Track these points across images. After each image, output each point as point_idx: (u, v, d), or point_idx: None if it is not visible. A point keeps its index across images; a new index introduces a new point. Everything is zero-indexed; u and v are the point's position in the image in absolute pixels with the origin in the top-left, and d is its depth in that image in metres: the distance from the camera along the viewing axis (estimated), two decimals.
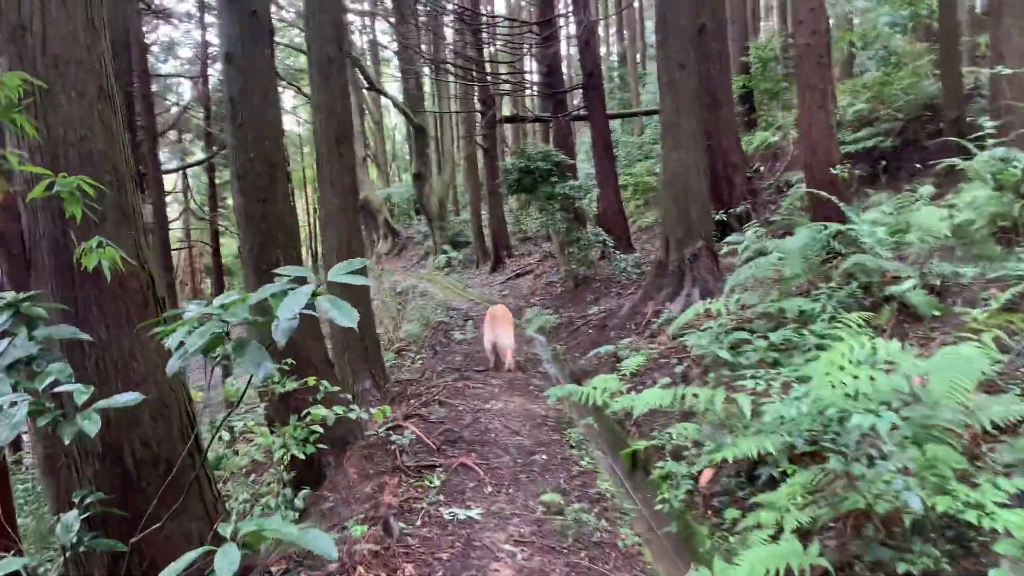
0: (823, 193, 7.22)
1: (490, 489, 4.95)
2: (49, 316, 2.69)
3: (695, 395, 4.66)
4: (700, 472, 4.96)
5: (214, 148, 18.87)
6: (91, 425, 2.28)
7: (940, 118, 11.54)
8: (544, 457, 5.66)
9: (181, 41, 23.16)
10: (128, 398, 2.41)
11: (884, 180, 12.68)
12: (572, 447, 6.03)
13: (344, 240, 7.72)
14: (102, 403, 2.40)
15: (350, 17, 36.20)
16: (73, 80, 3.15)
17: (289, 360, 5.23)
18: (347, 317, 2.16)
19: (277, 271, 2.37)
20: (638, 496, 5.33)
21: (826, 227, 6.46)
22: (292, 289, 2.29)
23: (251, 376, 2.73)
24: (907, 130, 13.32)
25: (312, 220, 42.16)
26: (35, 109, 3.09)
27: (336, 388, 5.47)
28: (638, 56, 32.64)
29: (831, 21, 15.89)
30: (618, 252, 15.17)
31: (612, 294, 13.54)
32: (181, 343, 2.24)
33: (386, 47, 37.38)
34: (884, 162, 12.63)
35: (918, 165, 11.28)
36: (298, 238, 5.88)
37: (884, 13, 14.98)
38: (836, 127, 7.43)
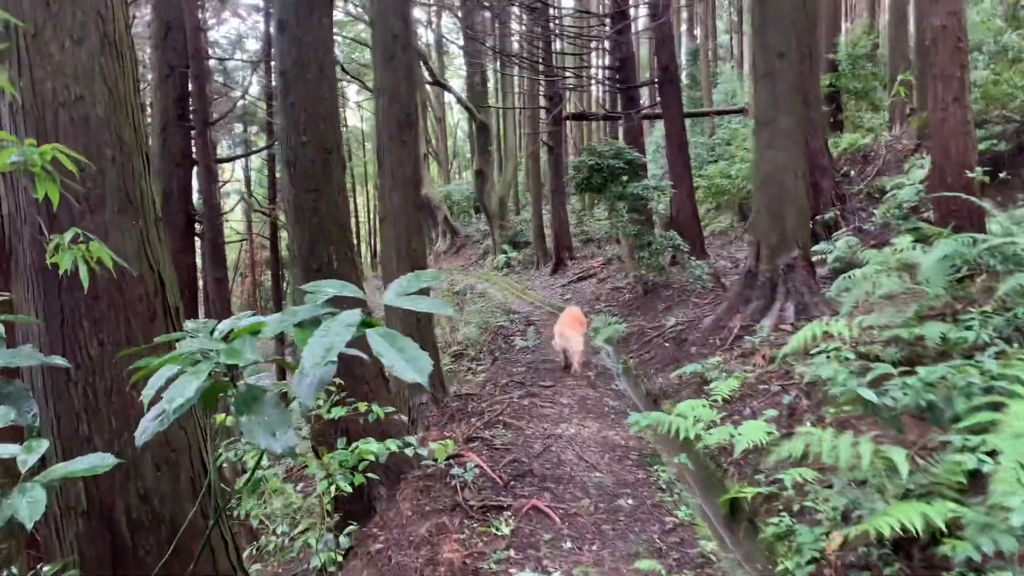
0: (967, 197, 6.15)
1: (569, 544, 4.11)
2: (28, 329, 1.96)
3: (829, 444, 3.73)
4: (827, 534, 4.03)
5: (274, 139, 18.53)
6: (29, 508, 1.51)
7: None
8: (630, 502, 4.80)
9: (248, 34, 22.92)
10: (91, 463, 1.65)
11: (997, 187, 11.42)
12: (662, 490, 5.14)
13: (404, 238, 6.98)
14: (58, 470, 1.65)
15: (416, 12, 35.85)
16: (69, 22, 2.44)
17: (336, 380, 4.49)
18: (413, 366, 1.35)
19: (321, 284, 1.58)
20: (750, 563, 4.40)
21: (976, 239, 5.41)
22: (330, 315, 1.48)
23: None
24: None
25: (372, 217, 41.96)
26: (17, 58, 2.38)
27: (390, 410, 4.72)
28: (710, 54, 31.36)
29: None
30: (692, 258, 14.14)
31: (687, 303, 12.55)
32: (159, 394, 1.47)
33: (452, 41, 36.87)
34: (999, 168, 11.35)
35: None
36: (352, 234, 5.14)
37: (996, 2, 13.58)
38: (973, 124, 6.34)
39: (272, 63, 4.92)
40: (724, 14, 43.72)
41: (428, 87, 34.79)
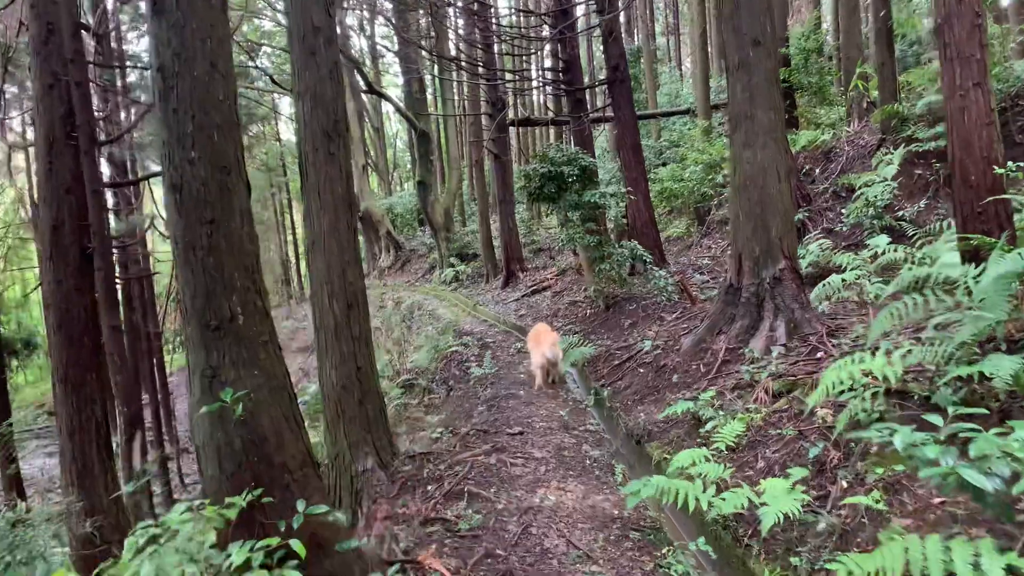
0: (1000, 198, 5.27)
1: None
2: None
3: (937, 557, 2.69)
4: None
5: None
6: None
7: None
8: None
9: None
10: None
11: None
12: None
13: (337, 269, 5.77)
14: None
15: (348, 19, 34.42)
16: None
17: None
18: None
19: None
20: None
21: None
22: None
23: None
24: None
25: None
26: None
27: (321, 510, 3.55)
28: (655, 52, 30.79)
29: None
30: (654, 268, 13.23)
31: (654, 318, 11.60)
32: None
33: (388, 49, 35.54)
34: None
35: None
36: (260, 277, 3.93)
37: None
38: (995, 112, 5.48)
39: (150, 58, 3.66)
40: (660, 16, 43.43)
41: (364, 97, 33.43)
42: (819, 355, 6.81)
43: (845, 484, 4.35)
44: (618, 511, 5.01)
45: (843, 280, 10.07)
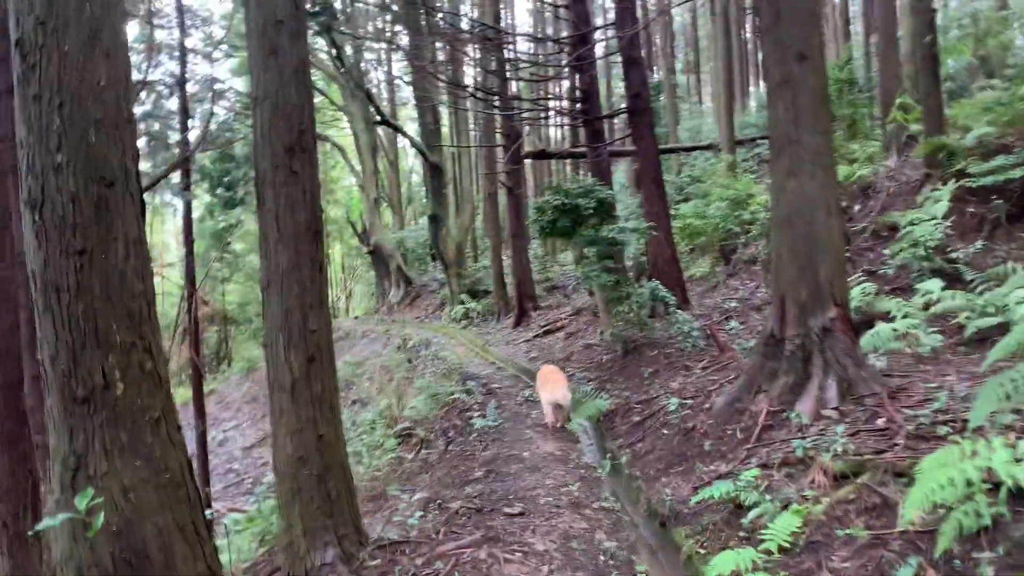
0: None
1: None
2: None
3: None
4: None
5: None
6: None
7: None
8: None
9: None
10: None
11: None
12: None
13: (296, 315, 4.68)
14: None
15: (366, 55, 33.96)
16: None
17: None
18: None
19: None
20: None
21: None
22: None
23: None
24: None
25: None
26: None
27: None
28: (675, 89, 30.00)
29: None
30: (677, 311, 12.09)
31: (677, 367, 10.43)
32: None
33: (403, 81, 34.96)
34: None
35: None
36: (155, 328, 2.87)
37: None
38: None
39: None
40: (680, 54, 42.83)
41: (379, 130, 32.80)
42: (882, 424, 5.63)
43: None
44: None
45: (893, 330, 8.88)
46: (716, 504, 5.22)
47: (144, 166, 16.54)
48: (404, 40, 27.75)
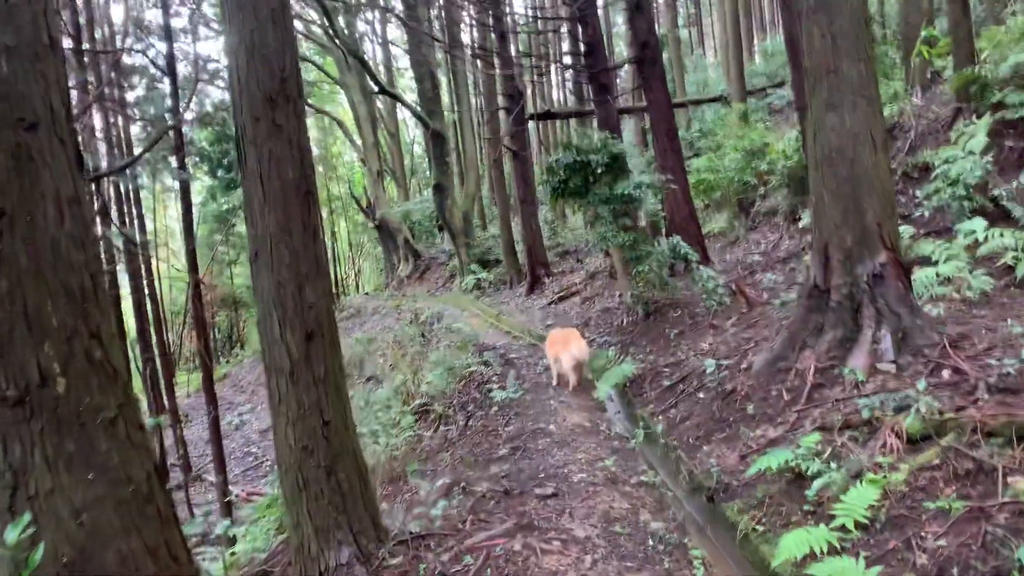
0: None
1: None
2: None
3: None
4: None
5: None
6: None
7: None
8: None
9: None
10: None
11: None
12: None
13: (290, 287, 4.12)
14: None
15: (360, 26, 32.97)
16: None
17: None
18: None
19: None
20: None
21: None
22: None
23: None
24: None
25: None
26: None
27: None
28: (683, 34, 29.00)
29: None
30: (700, 267, 11.47)
31: (703, 326, 9.88)
32: None
33: (400, 48, 33.97)
34: None
35: None
36: (105, 306, 2.30)
37: None
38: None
39: None
40: (681, 8, 41.57)
41: (378, 101, 31.99)
42: (949, 377, 5.06)
43: None
44: None
45: (937, 274, 8.28)
46: (771, 476, 4.68)
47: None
48: (398, 3, 26.83)
